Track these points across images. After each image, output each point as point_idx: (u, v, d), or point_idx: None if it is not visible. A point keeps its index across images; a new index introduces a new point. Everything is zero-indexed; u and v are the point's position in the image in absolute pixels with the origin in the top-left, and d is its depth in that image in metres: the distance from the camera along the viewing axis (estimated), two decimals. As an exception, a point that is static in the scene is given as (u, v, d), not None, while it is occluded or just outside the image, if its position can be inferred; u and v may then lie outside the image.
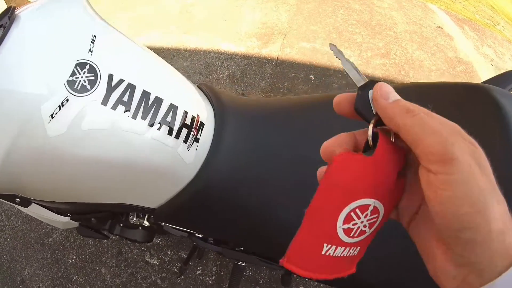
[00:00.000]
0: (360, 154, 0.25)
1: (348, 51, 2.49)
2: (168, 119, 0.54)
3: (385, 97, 0.25)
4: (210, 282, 1.39)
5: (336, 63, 2.37)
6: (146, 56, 0.58)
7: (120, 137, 0.51)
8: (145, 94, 0.52)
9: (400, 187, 0.27)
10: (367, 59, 2.44)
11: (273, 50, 2.52)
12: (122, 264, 1.40)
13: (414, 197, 0.27)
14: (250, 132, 0.69)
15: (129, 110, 0.51)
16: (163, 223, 0.96)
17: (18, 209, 1.53)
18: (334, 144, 0.27)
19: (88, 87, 0.47)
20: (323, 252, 0.27)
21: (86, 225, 1.00)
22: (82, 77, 0.47)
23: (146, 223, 0.95)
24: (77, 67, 0.47)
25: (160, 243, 1.46)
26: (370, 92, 0.25)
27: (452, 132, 0.22)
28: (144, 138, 0.52)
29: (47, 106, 0.45)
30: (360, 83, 0.27)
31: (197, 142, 0.60)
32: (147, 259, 1.42)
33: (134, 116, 0.51)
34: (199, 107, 0.63)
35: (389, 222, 0.29)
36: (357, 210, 0.25)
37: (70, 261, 1.39)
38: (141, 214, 0.95)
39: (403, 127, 0.23)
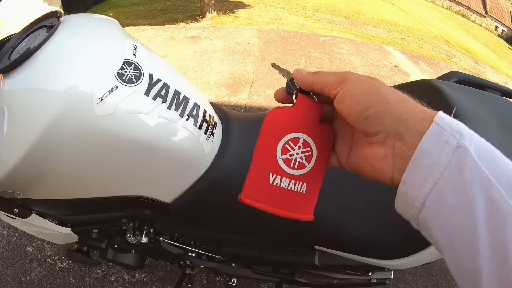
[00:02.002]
0: (286, 108, 0.35)
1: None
2: (194, 113, 0.65)
3: (300, 73, 0.35)
4: (198, 313, 1.36)
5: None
6: (171, 67, 0.70)
7: (157, 122, 0.59)
8: (177, 93, 0.63)
9: (329, 132, 0.36)
10: (328, 102, 2.70)
11: (242, 98, 2.71)
12: (104, 302, 1.34)
13: (344, 140, 0.36)
14: (250, 134, 0.81)
15: (165, 102, 0.60)
16: (161, 238, 0.99)
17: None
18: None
19: (134, 80, 0.57)
20: (270, 182, 0.35)
21: (83, 245, 1.00)
22: (129, 72, 0.57)
23: (144, 240, 0.97)
24: (125, 64, 0.57)
25: (145, 279, 1.42)
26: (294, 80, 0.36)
27: (346, 71, 0.32)
28: (176, 125, 0.62)
29: (98, 90, 0.54)
30: (288, 78, 0.38)
31: (213, 136, 0.70)
32: (131, 295, 1.37)
33: (169, 107, 0.61)
34: (212, 110, 0.74)
35: None
36: (289, 142, 0.35)
37: (49, 300, 1.31)
38: (137, 232, 0.97)
39: (314, 82, 0.33)
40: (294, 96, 0.35)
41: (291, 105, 0.35)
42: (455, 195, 0.25)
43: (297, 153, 0.35)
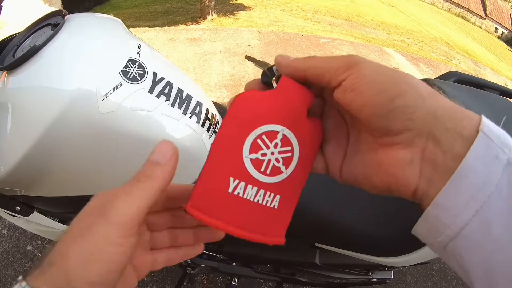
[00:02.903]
0: (263, 91, 0.26)
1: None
2: (196, 111, 0.66)
3: (285, 58, 0.26)
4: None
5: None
6: (174, 66, 0.71)
7: (160, 119, 0.60)
8: (180, 91, 0.64)
9: (317, 129, 0.27)
10: (328, 103, 2.72)
11: (242, 99, 2.72)
12: (105, 302, 1.34)
13: (339, 142, 0.28)
14: None
15: (168, 100, 0.61)
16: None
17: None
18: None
19: (138, 78, 0.58)
20: (230, 190, 0.24)
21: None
22: (133, 69, 0.58)
23: (145, 238, 0.98)
24: (129, 62, 0.58)
25: (145, 279, 1.42)
26: (274, 68, 0.27)
27: (352, 55, 0.24)
28: (179, 123, 0.63)
29: (102, 87, 0.54)
30: (265, 68, 0.28)
31: (215, 134, 0.71)
32: (131, 295, 1.37)
33: (172, 105, 0.62)
34: (214, 109, 0.75)
35: None
36: (263, 136, 0.25)
37: (49, 300, 1.30)
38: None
39: (309, 68, 0.25)
40: (274, 80, 0.26)
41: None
42: (504, 224, 0.20)
43: (272, 153, 0.25)
